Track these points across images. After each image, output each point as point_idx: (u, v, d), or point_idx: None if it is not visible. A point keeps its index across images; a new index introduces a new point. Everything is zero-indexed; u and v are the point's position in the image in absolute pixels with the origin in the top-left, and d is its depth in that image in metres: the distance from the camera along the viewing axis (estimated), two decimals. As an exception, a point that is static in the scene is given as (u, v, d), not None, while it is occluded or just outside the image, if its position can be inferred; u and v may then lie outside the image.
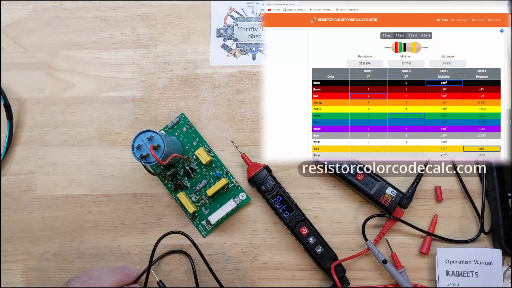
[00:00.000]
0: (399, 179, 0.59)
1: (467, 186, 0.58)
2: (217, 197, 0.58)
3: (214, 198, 0.58)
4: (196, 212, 0.58)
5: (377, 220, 0.58)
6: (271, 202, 0.57)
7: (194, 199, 0.58)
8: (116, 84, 0.61)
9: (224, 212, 0.56)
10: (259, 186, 0.57)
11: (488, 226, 0.58)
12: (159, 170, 0.58)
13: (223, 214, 0.56)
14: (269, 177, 0.57)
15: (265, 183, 0.57)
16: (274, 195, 0.57)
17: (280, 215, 0.56)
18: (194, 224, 0.58)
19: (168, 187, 0.58)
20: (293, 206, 0.57)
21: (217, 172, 0.58)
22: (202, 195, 0.58)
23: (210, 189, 0.57)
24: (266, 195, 0.57)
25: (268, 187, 0.57)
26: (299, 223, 0.56)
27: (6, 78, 0.61)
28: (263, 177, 0.57)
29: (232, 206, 0.56)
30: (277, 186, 0.57)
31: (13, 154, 0.60)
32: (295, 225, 0.56)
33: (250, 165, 0.58)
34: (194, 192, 0.58)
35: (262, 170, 0.57)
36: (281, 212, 0.56)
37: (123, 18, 0.63)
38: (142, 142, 0.52)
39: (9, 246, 0.58)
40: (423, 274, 0.57)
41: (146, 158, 0.52)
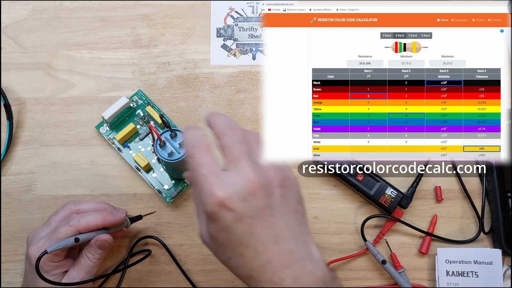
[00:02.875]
0: (399, 179, 0.59)
1: (467, 186, 0.58)
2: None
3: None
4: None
5: (377, 220, 0.58)
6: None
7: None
8: (116, 84, 0.61)
9: (117, 107, 0.57)
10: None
11: (488, 226, 0.58)
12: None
13: (115, 109, 0.56)
14: None
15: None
16: None
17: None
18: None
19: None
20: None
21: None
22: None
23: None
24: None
25: None
26: None
27: (6, 78, 0.61)
28: None
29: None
30: None
31: (13, 154, 0.60)
32: None
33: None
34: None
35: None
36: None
37: (123, 18, 0.63)
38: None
39: (9, 246, 0.58)
40: (423, 274, 0.57)
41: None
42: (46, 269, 0.48)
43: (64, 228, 0.48)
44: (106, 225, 0.50)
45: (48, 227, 0.50)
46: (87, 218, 0.49)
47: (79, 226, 0.48)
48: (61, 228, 0.48)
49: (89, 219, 0.49)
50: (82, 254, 0.50)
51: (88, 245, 0.50)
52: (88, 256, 0.50)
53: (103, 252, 0.50)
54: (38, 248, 0.48)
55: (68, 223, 0.48)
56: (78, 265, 0.50)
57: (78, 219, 0.49)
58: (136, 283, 0.57)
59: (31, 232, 0.50)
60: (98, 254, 0.50)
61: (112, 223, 0.50)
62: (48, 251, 0.46)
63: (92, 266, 0.50)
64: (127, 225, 0.53)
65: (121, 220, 0.51)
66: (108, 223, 0.50)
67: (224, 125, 0.40)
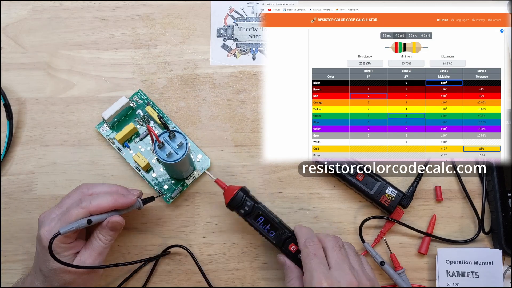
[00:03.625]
0: (399, 179, 0.59)
1: (467, 186, 0.58)
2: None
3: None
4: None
5: (377, 220, 0.58)
6: (253, 224, 0.53)
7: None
8: (116, 84, 0.61)
9: (117, 107, 0.56)
10: (238, 211, 0.53)
11: (488, 226, 0.58)
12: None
13: (115, 109, 0.56)
14: (246, 198, 0.53)
15: (243, 206, 0.53)
16: (256, 216, 0.53)
17: (265, 236, 0.53)
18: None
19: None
20: (277, 224, 0.53)
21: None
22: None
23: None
24: (247, 219, 0.53)
25: (247, 209, 0.53)
26: (286, 240, 0.53)
27: (6, 78, 0.61)
28: (240, 200, 0.53)
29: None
30: (256, 206, 0.53)
31: (13, 154, 0.60)
32: (282, 244, 0.53)
33: (225, 189, 0.54)
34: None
35: (238, 193, 0.53)
36: (265, 233, 0.53)
37: (123, 18, 0.63)
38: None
39: (9, 246, 0.58)
40: (423, 274, 0.57)
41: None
42: (57, 251, 0.48)
43: (76, 210, 0.48)
44: (117, 207, 0.50)
45: (59, 209, 0.50)
46: (98, 200, 0.49)
47: (91, 208, 0.48)
48: (73, 210, 0.48)
49: (101, 201, 0.49)
50: (93, 236, 0.50)
51: (100, 226, 0.50)
52: (100, 238, 0.50)
53: (115, 233, 0.51)
54: (50, 230, 0.48)
55: (80, 204, 0.49)
56: (90, 246, 0.50)
57: (89, 200, 0.49)
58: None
59: (42, 214, 0.50)
60: (109, 236, 0.50)
61: (123, 205, 0.50)
62: (61, 232, 0.46)
63: (104, 247, 0.50)
64: (139, 206, 0.53)
65: (133, 202, 0.51)
66: (119, 205, 0.50)
67: (325, 234, 0.52)
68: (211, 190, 0.59)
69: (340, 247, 0.50)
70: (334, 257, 0.49)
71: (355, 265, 0.49)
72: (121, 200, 0.50)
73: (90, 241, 0.50)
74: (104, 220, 0.49)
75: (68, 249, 0.49)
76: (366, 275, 0.49)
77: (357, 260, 0.50)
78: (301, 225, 0.53)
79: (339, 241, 0.50)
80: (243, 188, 0.53)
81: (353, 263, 0.49)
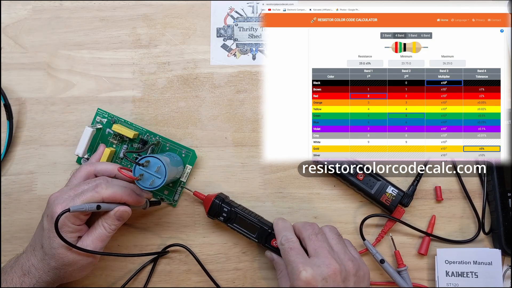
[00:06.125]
0: (399, 179, 0.59)
1: (467, 186, 0.58)
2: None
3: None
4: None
5: (378, 220, 0.58)
6: (234, 228, 0.55)
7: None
8: (116, 84, 0.61)
9: (85, 140, 0.57)
10: (218, 218, 0.55)
11: (488, 226, 0.58)
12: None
13: (85, 143, 0.57)
14: (223, 205, 0.55)
15: (221, 213, 0.55)
16: (235, 220, 0.55)
17: (248, 237, 0.55)
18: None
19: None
20: (255, 223, 0.55)
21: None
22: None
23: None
24: (228, 224, 0.55)
25: (225, 216, 0.55)
26: (268, 237, 0.54)
27: (6, 78, 0.61)
28: (217, 207, 0.55)
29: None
30: (233, 211, 0.55)
31: (13, 154, 0.60)
32: (265, 241, 0.54)
33: (204, 199, 0.56)
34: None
35: (214, 202, 0.55)
36: (247, 234, 0.55)
37: (123, 18, 0.63)
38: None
39: (9, 246, 0.58)
40: (423, 274, 0.57)
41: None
42: (64, 229, 0.49)
43: (91, 193, 0.49)
44: (128, 202, 0.51)
45: (71, 190, 0.51)
46: (114, 189, 0.50)
47: (105, 194, 0.49)
48: (88, 192, 0.49)
49: (116, 190, 0.50)
50: (98, 223, 0.51)
51: (106, 215, 0.51)
52: (104, 226, 0.51)
53: (120, 223, 0.51)
54: (64, 208, 0.48)
55: (95, 189, 0.49)
56: (94, 233, 0.51)
57: (106, 187, 0.50)
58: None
59: (54, 193, 0.51)
60: (114, 225, 0.51)
61: (134, 201, 0.52)
62: (71, 210, 0.46)
63: (107, 235, 0.51)
64: (145, 206, 0.55)
65: (143, 202, 0.53)
66: (130, 201, 0.51)
67: (302, 223, 0.52)
68: (211, 190, 0.59)
69: (316, 234, 0.50)
70: (311, 245, 0.49)
71: (336, 248, 0.49)
72: (134, 197, 0.52)
73: (94, 227, 0.51)
74: (111, 210, 0.50)
75: (74, 231, 0.50)
76: (348, 256, 0.48)
77: (338, 242, 0.50)
78: (278, 219, 0.54)
79: (315, 228, 0.51)
80: (218, 196, 0.55)
81: (334, 247, 0.49)
